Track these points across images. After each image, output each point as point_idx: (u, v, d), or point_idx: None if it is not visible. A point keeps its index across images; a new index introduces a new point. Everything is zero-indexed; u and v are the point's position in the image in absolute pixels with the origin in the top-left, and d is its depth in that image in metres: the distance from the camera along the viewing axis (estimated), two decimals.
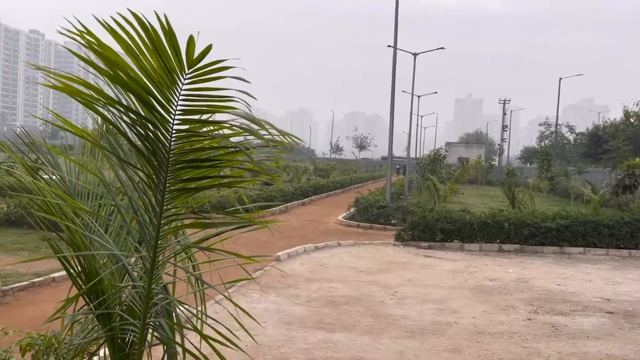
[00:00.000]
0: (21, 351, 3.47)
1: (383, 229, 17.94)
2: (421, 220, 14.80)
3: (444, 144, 64.41)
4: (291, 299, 8.98)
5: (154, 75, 1.72)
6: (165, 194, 2.13)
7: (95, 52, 1.72)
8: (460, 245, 14.61)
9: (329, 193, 32.21)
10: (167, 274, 2.87)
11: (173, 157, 2.01)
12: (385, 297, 9.25)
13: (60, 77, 1.84)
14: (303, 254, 13.06)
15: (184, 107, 1.85)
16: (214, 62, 1.67)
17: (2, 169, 15.38)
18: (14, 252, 11.25)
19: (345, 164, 66.87)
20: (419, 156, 51.89)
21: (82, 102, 1.95)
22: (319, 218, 20.87)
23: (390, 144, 21.13)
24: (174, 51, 1.65)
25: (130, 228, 2.53)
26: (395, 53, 19.93)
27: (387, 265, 12.18)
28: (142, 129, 1.97)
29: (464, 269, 11.94)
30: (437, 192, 19.79)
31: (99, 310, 2.67)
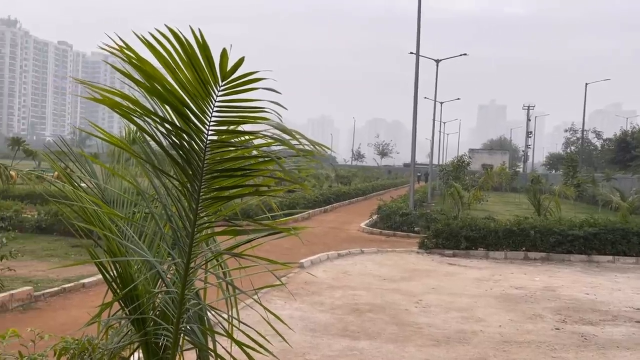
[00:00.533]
0: (56, 355, 3.56)
1: (406, 237, 17.86)
2: (445, 228, 14.70)
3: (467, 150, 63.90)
4: (315, 306, 9.00)
5: (189, 87, 1.78)
6: (199, 202, 2.19)
7: (134, 66, 1.79)
8: (485, 253, 14.46)
9: (351, 200, 32.20)
10: (199, 280, 2.93)
11: (207, 166, 2.07)
12: (409, 305, 9.21)
13: (101, 90, 1.92)
14: (326, 261, 13.08)
15: (218, 118, 1.91)
16: (246, 74, 1.72)
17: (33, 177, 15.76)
18: (45, 259, 11.51)
19: (366, 171, 66.77)
20: (441, 163, 51.47)
21: (120, 114, 2.02)
22: (341, 225, 20.87)
23: (413, 151, 21.06)
24: (208, 64, 1.71)
25: (164, 235, 2.60)
26: (418, 60, 19.91)
27: (411, 273, 12.12)
28: (178, 139, 2.03)
29: (489, 277, 11.82)
30: (461, 200, 19.63)
31: (134, 315, 2.74)
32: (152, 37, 1.69)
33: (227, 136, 1.98)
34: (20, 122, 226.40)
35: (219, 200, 2.24)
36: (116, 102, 1.96)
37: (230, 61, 1.74)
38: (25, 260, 10.68)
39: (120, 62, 2.02)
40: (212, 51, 1.70)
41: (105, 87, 1.88)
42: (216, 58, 1.73)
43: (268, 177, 2.17)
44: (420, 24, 19.71)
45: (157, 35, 1.67)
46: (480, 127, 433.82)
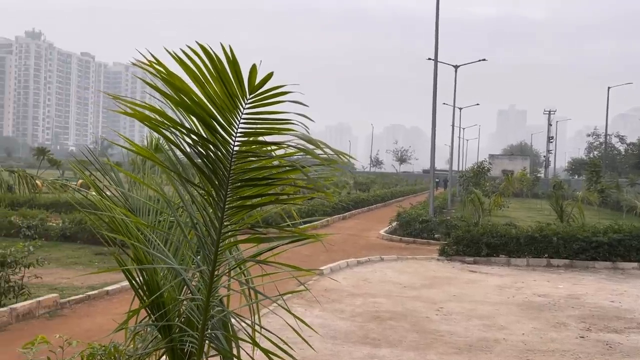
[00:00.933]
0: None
1: (426, 244, 17.77)
2: (466, 235, 14.59)
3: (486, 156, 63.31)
4: (335, 313, 9.00)
5: (217, 100, 1.84)
6: (224, 211, 2.24)
7: (164, 80, 1.85)
8: (506, 260, 14.31)
9: (370, 207, 32.13)
10: (223, 287, 2.98)
11: (232, 176, 2.12)
12: (430, 313, 9.16)
13: (130, 103, 1.99)
14: (346, 268, 13.07)
15: (244, 130, 1.96)
16: (274, 88, 1.77)
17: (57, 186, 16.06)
18: (70, 266, 11.72)
19: (385, 177, 66.58)
20: (461, 169, 51.11)
21: (149, 126, 2.09)
22: (360, 232, 20.84)
23: (432, 157, 20.97)
24: (237, 79, 1.76)
25: (189, 243, 2.65)
26: (436, 67, 19.86)
27: (431, 280, 12.05)
28: (204, 149, 2.09)
29: (511, 285, 11.69)
30: (482, 206, 19.46)
31: (160, 322, 2.80)
32: (182, 52, 1.75)
33: (253, 147, 2.03)
34: (45, 132, 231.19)
35: (244, 208, 2.28)
36: (145, 115, 2.02)
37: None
38: (51, 267, 10.88)
39: (143, 73, 2.08)
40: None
41: (133, 100, 1.95)
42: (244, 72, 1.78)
43: (291, 185, 2.22)
44: (438, 31, 19.68)
45: (188, 51, 1.73)
46: (500, 132, 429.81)
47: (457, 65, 31.64)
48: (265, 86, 1.76)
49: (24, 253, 8.26)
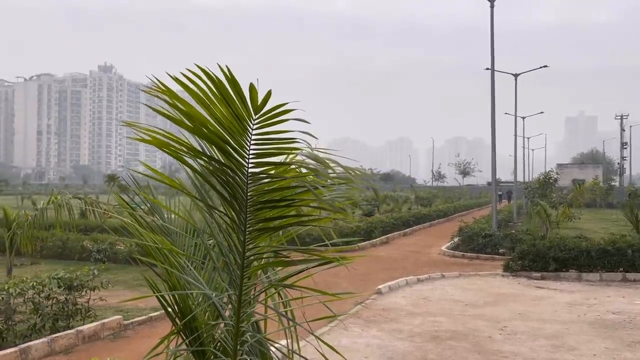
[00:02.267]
0: None
1: (490, 259, 17.13)
2: (531, 249, 13.94)
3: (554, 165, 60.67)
4: (393, 333, 8.78)
5: (224, 122, 1.83)
6: (246, 234, 2.22)
7: (172, 105, 1.86)
8: (577, 275, 13.52)
9: (432, 222, 31.47)
10: (257, 313, 2.94)
11: (251, 198, 2.09)
12: (493, 332, 8.76)
13: (149, 131, 2.01)
14: (405, 286, 12.78)
15: (255, 151, 1.94)
16: (277, 106, 1.74)
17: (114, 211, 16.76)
18: (135, 288, 12.13)
19: (447, 191, 65.09)
20: (527, 180, 49.15)
21: (170, 154, 2.10)
22: (422, 249, 20.40)
23: (494, 169, 20.31)
24: (240, 98, 1.74)
25: (218, 268, 2.64)
26: (493, 76, 19.31)
27: (495, 297, 11.55)
28: (223, 175, 2.08)
29: (582, 301, 11.01)
30: (548, 218, 18.56)
31: (194, 347, 2.79)
32: (184, 76, 1.75)
33: (266, 168, 2.00)
34: (117, 159, 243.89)
35: (266, 231, 2.25)
36: (164, 142, 2.04)
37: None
38: (117, 289, 11.31)
39: (148, 98, 2.11)
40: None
41: (150, 127, 1.97)
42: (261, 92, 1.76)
43: (312, 207, 2.16)
44: (493, 40, 19.18)
45: (189, 75, 1.74)
46: (568, 140, 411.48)
47: (516, 73, 30.66)
48: (268, 105, 1.73)
49: (89, 276, 8.63)
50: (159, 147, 2.04)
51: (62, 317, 8.28)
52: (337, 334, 8.79)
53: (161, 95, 1.86)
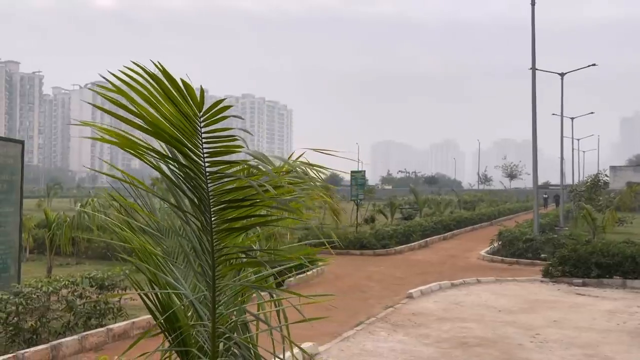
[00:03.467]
0: None
1: (530, 264, 16.59)
2: (572, 254, 13.41)
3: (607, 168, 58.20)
4: (420, 338, 8.62)
5: (174, 121, 1.83)
6: (213, 235, 2.22)
7: (122, 106, 1.88)
8: (622, 282, 12.91)
9: (474, 226, 30.78)
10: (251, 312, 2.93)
11: (213, 198, 2.09)
12: (524, 340, 8.46)
13: (111, 131, 2.04)
14: (438, 291, 12.53)
15: (208, 150, 1.93)
16: (217, 102, 1.73)
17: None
18: None
19: (493, 194, 63.58)
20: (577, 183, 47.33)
21: (136, 155, 2.13)
22: (461, 253, 19.97)
23: (535, 171, 19.68)
24: (180, 95, 1.74)
25: (195, 269, 2.66)
26: (534, 75, 18.72)
27: (531, 304, 11.16)
28: (186, 175, 2.09)
29: (624, 310, 10.49)
30: (594, 222, 17.81)
31: (178, 347, 2.82)
32: (126, 76, 1.76)
33: (222, 167, 2.00)
34: None
35: (233, 231, 2.24)
36: (129, 142, 2.07)
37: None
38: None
39: (93, 96, 2.14)
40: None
41: (104, 126, 2.00)
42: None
43: (273, 208, 2.14)
44: (534, 38, 18.60)
45: (130, 73, 1.75)
46: (624, 142, 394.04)
47: (562, 72, 29.64)
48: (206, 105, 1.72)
49: (120, 276, 8.88)
50: (123, 148, 2.07)
51: (94, 315, 8.55)
52: (362, 338, 8.71)
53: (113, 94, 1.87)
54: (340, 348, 8.13)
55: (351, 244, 19.60)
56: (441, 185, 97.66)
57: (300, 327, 10.34)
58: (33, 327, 7.64)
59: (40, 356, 7.23)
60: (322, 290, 12.81)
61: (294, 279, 13.48)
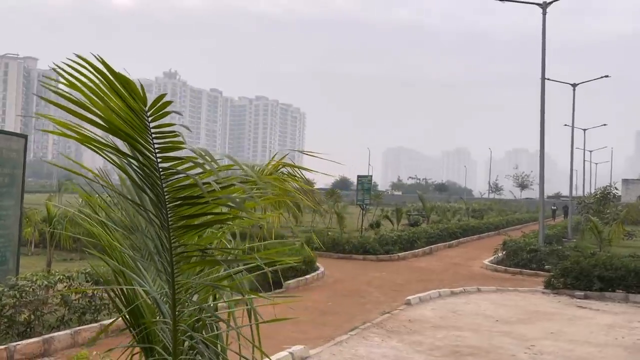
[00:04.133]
0: None
1: (534, 275, 16.43)
2: (574, 266, 13.25)
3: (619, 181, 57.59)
4: (413, 345, 8.57)
5: (123, 115, 1.84)
6: (170, 232, 2.22)
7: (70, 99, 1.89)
8: (624, 296, 12.74)
9: (481, 235, 30.56)
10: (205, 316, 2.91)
11: (168, 194, 2.09)
12: (518, 351, 8.37)
13: (68, 126, 2.05)
14: (437, 298, 12.45)
15: (158, 146, 1.94)
16: (160, 97, 1.73)
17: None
18: None
19: (503, 204, 63.09)
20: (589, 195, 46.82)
21: (97, 152, 2.14)
22: (464, 261, 19.84)
23: (541, 182, 19.51)
24: (126, 90, 1.74)
25: (156, 265, 2.66)
26: (544, 85, 18.58)
27: (530, 315, 11.05)
28: (142, 172, 2.09)
29: (624, 324, 10.34)
30: (600, 235, 17.60)
31: (143, 344, 2.82)
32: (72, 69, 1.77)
33: (173, 163, 2.00)
34: None
35: (190, 229, 2.24)
36: (87, 137, 2.08)
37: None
38: None
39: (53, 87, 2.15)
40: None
41: (63, 120, 2.01)
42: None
43: (228, 206, 2.14)
44: (545, 47, 18.45)
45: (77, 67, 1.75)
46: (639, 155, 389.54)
47: (575, 83, 29.39)
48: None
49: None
50: (82, 143, 2.08)
51: (89, 310, 8.59)
52: (355, 343, 8.68)
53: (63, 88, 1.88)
54: (332, 352, 8.10)
55: (354, 248, 19.55)
56: (451, 193, 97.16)
57: (294, 330, 10.34)
58: (27, 320, 7.71)
59: (32, 349, 7.29)
60: (320, 294, 12.79)
61: (293, 282, 13.47)
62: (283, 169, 4.36)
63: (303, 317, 10.64)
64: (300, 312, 11.35)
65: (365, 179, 24.00)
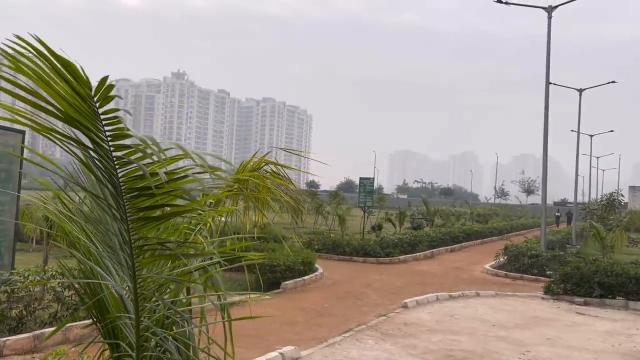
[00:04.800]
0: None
1: (535, 280, 16.28)
2: (575, 272, 13.11)
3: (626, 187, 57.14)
4: (406, 349, 8.48)
5: (71, 101, 1.79)
6: (128, 223, 2.17)
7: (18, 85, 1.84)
8: (624, 302, 12.58)
9: (484, 240, 30.38)
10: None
11: (124, 184, 2.05)
12: (512, 356, 8.27)
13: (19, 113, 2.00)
14: (435, 302, 12.35)
15: (110, 133, 1.89)
16: (103, 80, 1.68)
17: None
18: None
19: (509, 209, 62.72)
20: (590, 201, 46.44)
21: (54, 141, 2.09)
22: (466, 266, 19.70)
23: (544, 187, 19.36)
24: (70, 73, 1.69)
25: (120, 259, 2.61)
26: (548, 89, 18.44)
27: (528, 320, 10.93)
28: (99, 162, 2.05)
29: (622, 331, 10.21)
30: (603, 241, 17.43)
31: (109, 339, 2.78)
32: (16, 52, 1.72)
33: (127, 152, 1.95)
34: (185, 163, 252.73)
35: (149, 220, 2.20)
36: (43, 126, 2.03)
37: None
38: None
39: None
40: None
41: (24, 110, 1.96)
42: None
43: (183, 198, 2.09)
44: (549, 51, 18.32)
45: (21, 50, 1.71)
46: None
47: (581, 88, 29.18)
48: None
49: None
50: (39, 133, 2.04)
51: (81, 307, 8.57)
52: (348, 345, 8.60)
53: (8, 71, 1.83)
54: (324, 354, 8.03)
55: (355, 250, 19.47)
56: (457, 197, 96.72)
57: (289, 330, 10.28)
58: (19, 315, 7.69)
59: (22, 344, 7.27)
60: (318, 295, 12.72)
61: (290, 282, 13.41)
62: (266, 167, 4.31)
63: (299, 318, 10.60)
64: (296, 313, 11.33)
65: (368, 181, 23.90)
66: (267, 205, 3.67)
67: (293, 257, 13.71)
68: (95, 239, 2.72)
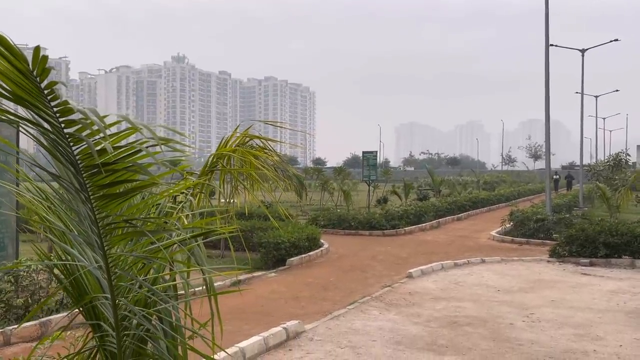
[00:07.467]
0: None
1: (541, 244, 16.26)
2: (580, 234, 13.07)
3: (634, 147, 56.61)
4: (411, 317, 8.53)
5: (13, 77, 1.75)
6: (91, 201, 2.15)
7: None
8: (630, 261, 12.55)
9: (491, 207, 30.32)
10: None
11: (82, 162, 2.02)
12: (516, 319, 8.29)
13: None
14: (440, 271, 12.38)
15: (56, 109, 1.85)
16: (37, 50, 1.63)
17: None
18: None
19: (516, 175, 62.44)
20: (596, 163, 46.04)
21: (5, 121, 2.06)
22: (472, 234, 19.70)
23: (548, 150, 19.19)
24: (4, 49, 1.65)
25: (90, 239, 2.60)
26: (547, 51, 18.13)
27: (533, 284, 10.94)
28: (53, 141, 2.02)
29: (628, 289, 10.20)
30: (608, 202, 17.32)
31: (90, 320, 2.79)
32: None
33: (77, 128, 1.91)
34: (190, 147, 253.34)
35: (113, 198, 2.17)
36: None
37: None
38: None
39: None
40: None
41: None
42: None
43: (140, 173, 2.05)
44: (548, 12, 17.96)
45: None
46: None
47: (583, 49, 28.69)
48: None
49: None
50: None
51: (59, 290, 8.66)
52: (352, 316, 8.66)
53: None
54: (328, 326, 8.09)
55: (360, 224, 19.50)
56: (464, 167, 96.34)
57: (294, 306, 10.33)
58: (25, 304, 7.79)
59: (29, 332, 7.38)
60: (323, 270, 12.78)
61: (296, 259, 13.48)
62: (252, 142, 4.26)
63: (304, 293, 10.67)
64: (302, 289, 11.41)
65: (371, 155, 23.83)
66: (262, 183, 3.64)
67: (297, 233, 13.75)
68: (69, 222, 2.71)
